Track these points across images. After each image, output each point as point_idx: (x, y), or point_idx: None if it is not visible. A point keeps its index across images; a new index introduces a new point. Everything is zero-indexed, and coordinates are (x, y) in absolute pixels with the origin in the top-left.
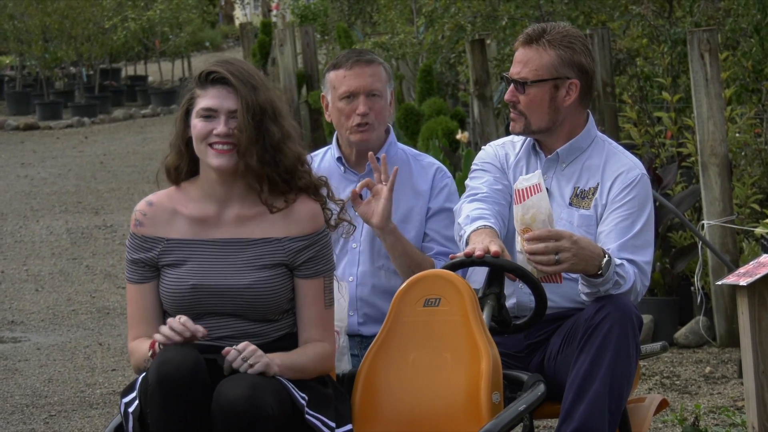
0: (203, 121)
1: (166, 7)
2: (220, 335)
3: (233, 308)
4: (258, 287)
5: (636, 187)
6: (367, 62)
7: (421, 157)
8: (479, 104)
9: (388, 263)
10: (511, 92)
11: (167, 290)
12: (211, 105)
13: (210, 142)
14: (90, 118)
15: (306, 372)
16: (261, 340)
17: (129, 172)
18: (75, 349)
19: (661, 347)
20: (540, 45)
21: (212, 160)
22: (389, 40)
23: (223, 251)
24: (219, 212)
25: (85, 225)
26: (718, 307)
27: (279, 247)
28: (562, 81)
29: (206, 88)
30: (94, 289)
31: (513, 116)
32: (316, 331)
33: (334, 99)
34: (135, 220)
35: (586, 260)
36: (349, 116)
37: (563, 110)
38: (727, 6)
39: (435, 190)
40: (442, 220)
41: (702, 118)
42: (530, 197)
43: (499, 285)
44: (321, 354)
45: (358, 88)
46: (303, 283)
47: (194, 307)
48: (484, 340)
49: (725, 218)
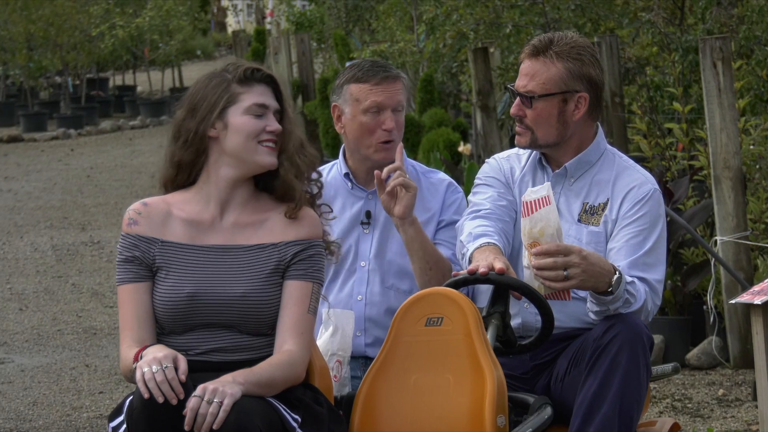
0: (254, 119)
1: (156, 14)
2: (212, 347)
3: (227, 319)
4: (251, 296)
5: (648, 202)
6: (394, 78)
7: (431, 174)
8: (482, 115)
9: (398, 283)
10: (518, 106)
11: (162, 299)
12: (264, 101)
13: (261, 139)
14: (76, 130)
15: (275, 384)
16: (252, 354)
17: (117, 186)
18: (61, 371)
19: (673, 369)
20: (547, 57)
21: (264, 157)
22: (388, 48)
23: (218, 258)
24: (216, 217)
25: (71, 241)
26: (732, 327)
27: (274, 251)
28: (570, 95)
29: (251, 85)
30: (81, 308)
31: (519, 130)
32: (290, 334)
33: (356, 112)
34: (128, 219)
35: (595, 277)
36: (373, 131)
37: (572, 124)
38: (740, 13)
39: (446, 205)
40: (452, 230)
41: (715, 130)
42: (539, 210)
43: (504, 304)
44: (287, 362)
45: (385, 103)
46: (290, 284)
47: (189, 318)
48: (489, 361)
49: (739, 234)
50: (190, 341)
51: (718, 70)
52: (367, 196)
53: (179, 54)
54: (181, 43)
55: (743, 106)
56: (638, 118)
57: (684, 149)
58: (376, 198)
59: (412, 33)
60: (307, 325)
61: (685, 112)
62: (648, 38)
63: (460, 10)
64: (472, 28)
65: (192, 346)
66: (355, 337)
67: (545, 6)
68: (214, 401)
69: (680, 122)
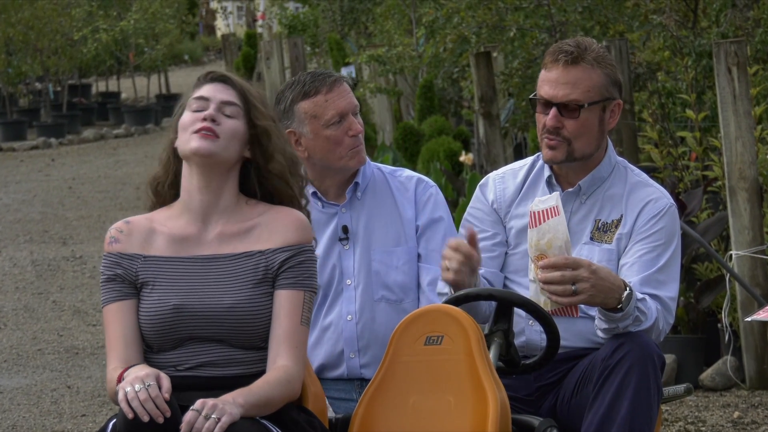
0: (192, 113)
1: (141, 17)
2: (202, 362)
3: (216, 332)
4: (240, 308)
5: (664, 217)
6: (339, 81)
7: (397, 172)
8: (485, 123)
9: (388, 294)
10: (556, 117)
11: (147, 313)
12: (203, 93)
13: (195, 128)
14: (57, 139)
15: (273, 403)
16: (244, 369)
17: (100, 198)
18: (41, 393)
19: (685, 390)
20: (587, 63)
21: (193, 143)
22: (386, 52)
23: (204, 269)
24: (201, 230)
25: (51, 256)
26: (748, 346)
27: (262, 258)
28: (609, 102)
29: (200, 85)
30: (62, 326)
31: (552, 143)
32: (284, 348)
33: (318, 129)
34: (110, 237)
35: (605, 292)
36: (340, 141)
37: (606, 134)
38: (757, 15)
39: (420, 205)
40: (434, 235)
41: (729, 139)
42: (547, 221)
43: (508, 321)
44: (285, 378)
45: (346, 108)
46: (282, 294)
47: (175, 332)
48: (491, 381)
49: (755, 248)
50: (179, 356)
51: (733, 76)
52: (341, 210)
53: (166, 59)
54: (168, 48)
55: (760, 113)
56: (649, 127)
57: (697, 159)
58: (350, 210)
59: (410, 36)
60: (301, 337)
61: (698, 120)
62: (659, 42)
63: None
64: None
65: (181, 362)
66: (348, 359)
67: (551, 8)
68: (212, 417)
69: (693, 131)
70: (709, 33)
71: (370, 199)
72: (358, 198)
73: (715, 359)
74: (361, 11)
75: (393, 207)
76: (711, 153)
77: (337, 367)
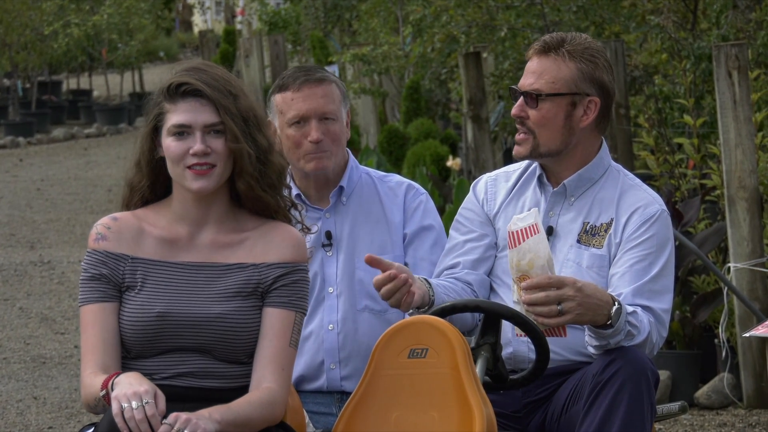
0: (176, 140)
1: (115, 12)
2: (181, 371)
3: (200, 343)
4: (228, 318)
5: (655, 224)
6: (317, 81)
7: (387, 178)
8: (473, 127)
9: (371, 303)
10: (520, 106)
11: (129, 318)
12: (184, 120)
13: (187, 164)
14: (26, 138)
15: (252, 424)
16: (224, 383)
17: (70, 200)
18: (6, 404)
19: (680, 408)
20: (559, 55)
21: (191, 183)
22: (371, 51)
23: (193, 276)
24: (192, 234)
25: (18, 261)
26: (746, 363)
27: (255, 272)
28: (580, 97)
29: (176, 102)
30: (29, 334)
31: (520, 137)
32: (270, 370)
33: (282, 125)
34: (96, 234)
35: (593, 309)
36: (299, 144)
37: (578, 132)
38: (759, 17)
39: (408, 212)
40: (422, 244)
41: (729, 146)
42: (526, 240)
43: (495, 334)
44: (268, 400)
45: (308, 112)
46: (271, 312)
47: (158, 340)
48: (477, 397)
49: (754, 261)
50: (158, 365)
51: (734, 80)
52: (324, 215)
53: (140, 55)
54: (143, 44)
55: (761, 119)
56: (645, 132)
57: (695, 167)
58: (334, 215)
59: (397, 35)
60: (288, 359)
61: (696, 125)
62: (657, 44)
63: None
64: (463, 30)
65: (159, 370)
66: (329, 370)
67: (544, 7)
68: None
69: (691, 137)
70: (709, 35)
71: (356, 205)
72: (342, 203)
73: (712, 376)
74: (346, 8)
75: (380, 213)
76: (709, 160)
77: (316, 379)
